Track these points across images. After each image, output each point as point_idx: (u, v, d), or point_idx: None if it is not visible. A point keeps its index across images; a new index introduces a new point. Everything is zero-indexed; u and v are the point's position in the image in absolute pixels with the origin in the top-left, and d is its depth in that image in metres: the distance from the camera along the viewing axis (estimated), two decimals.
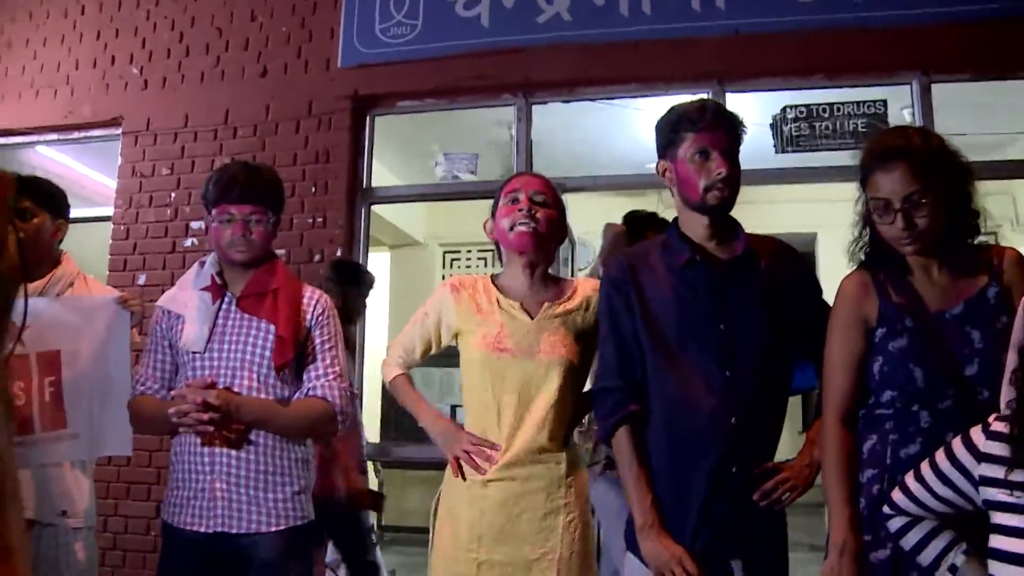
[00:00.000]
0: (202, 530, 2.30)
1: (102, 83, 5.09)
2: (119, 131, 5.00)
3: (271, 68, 4.82)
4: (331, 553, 3.52)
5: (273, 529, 2.31)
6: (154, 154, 4.87)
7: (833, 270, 2.18)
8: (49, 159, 5.44)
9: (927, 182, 1.82)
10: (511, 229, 2.28)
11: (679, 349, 2.04)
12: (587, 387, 2.36)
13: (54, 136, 5.24)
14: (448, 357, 2.56)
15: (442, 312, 2.37)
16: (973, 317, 1.83)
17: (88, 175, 5.69)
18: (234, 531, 2.29)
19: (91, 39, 5.18)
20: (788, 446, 2.16)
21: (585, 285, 2.37)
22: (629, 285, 2.12)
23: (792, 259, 2.18)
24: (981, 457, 1.53)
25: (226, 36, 4.94)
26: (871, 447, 1.89)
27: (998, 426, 1.53)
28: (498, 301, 2.31)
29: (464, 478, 2.22)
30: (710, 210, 2.07)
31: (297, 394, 2.40)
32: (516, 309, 2.29)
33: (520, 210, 2.27)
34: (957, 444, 1.59)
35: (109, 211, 4.89)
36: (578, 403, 2.30)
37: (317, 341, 2.44)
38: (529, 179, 2.39)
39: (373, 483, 4.85)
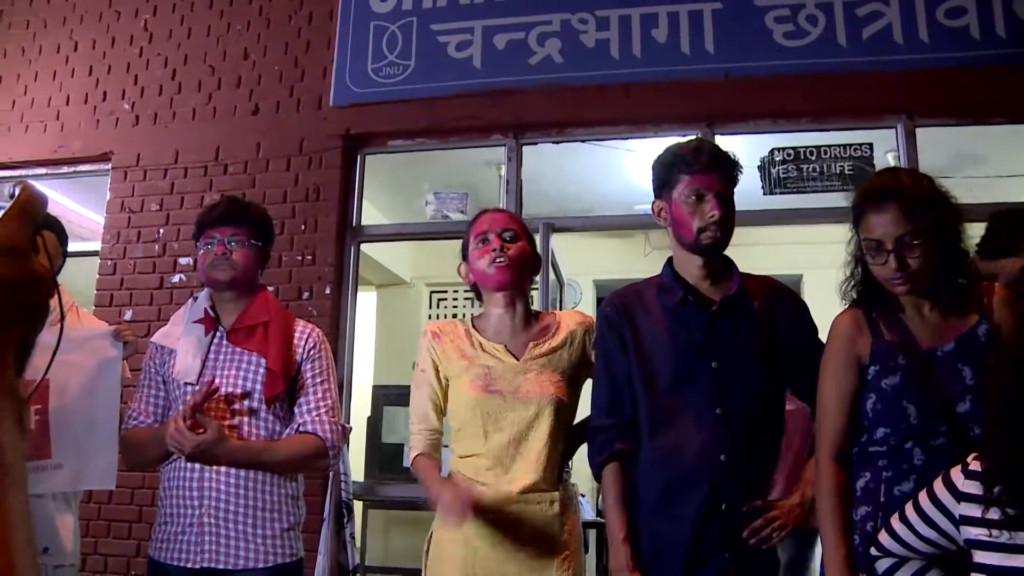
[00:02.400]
0: (190, 566, 2.27)
1: (92, 118, 5.09)
2: (108, 166, 4.98)
3: (263, 106, 4.84)
4: None
5: (262, 566, 2.29)
6: (143, 190, 4.86)
7: (819, 311, 2.19)
8: None
9: (919, 224, 1.84)
10: (488, 267, 2.28)
11: (671, 387, 2.06)
12: (576, 420, 2.36)
13: (43, 171, 5.21)
14: None
15: (434, 360, 2.35)
16: (964, 354, 1.85)
17: (76, 210, 5.66)
18: (222, 567, 2.26)
19: (83, 74, 5.19)
20: None
21: (569, 319, 2.38)
22: (623, 323, 2.14)
23: (787, 299, 2.20)
24: (960, 496, 1.55)
25: (219, 74, 4.96)
26: (865, 484, 1.89)
27: (976, 465, 1.55)
28: (481, 345, 2.31)
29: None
30: (703, 251, 2.09)
31: (288, 429, 2.38)
32: (501, 352, 2.29)
33: (493, 249, 2.28)
34: (938, 484, 1.61)
35: (96, 246, 4.87)
36: (568, 440, 2.30)
37: (309, 375, 2.43)
38: (494, 216, 2.40)
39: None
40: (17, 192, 0.78)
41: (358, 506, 4.51)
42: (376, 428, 5.33)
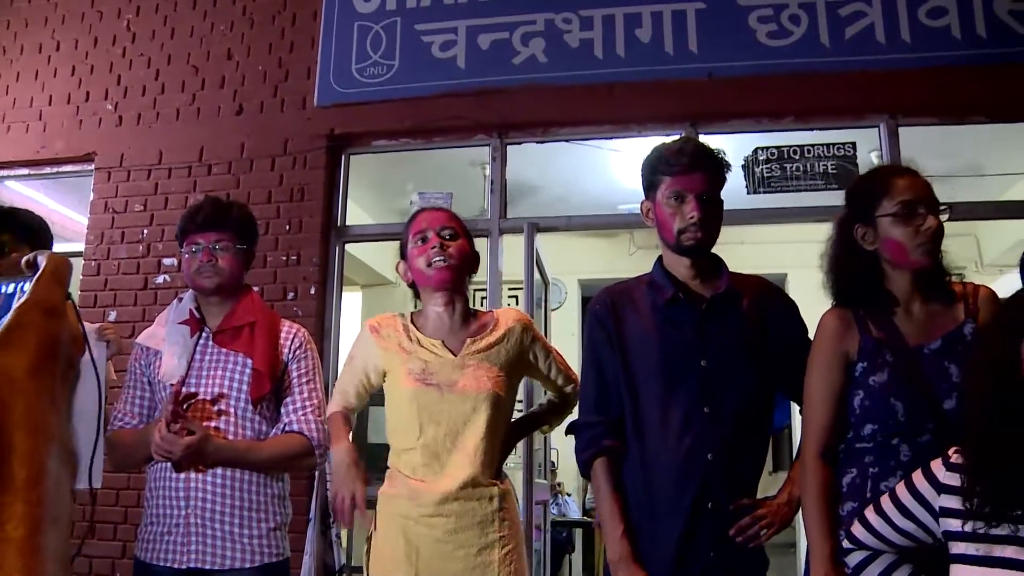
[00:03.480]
0: (176, 566, 2.26)
1: (75, 119, 5.05)
2: (92, 167, 4.96)
3: (247, 106, 4.82)
4: None
5: (248, 566, 2.28)
6: (127, 190, 4.83)
7: (804, 310, 2.20)
8: (19, 194, 5.38)
9: (935, 199, 1.91)
10: (428, 267, 2.29)
11: (659, 385, 2.06)
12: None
13: (25, 171, 5.19)
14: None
15: (368, 355, 2.37)
16: (951, 352, 1.86)
17: (59, 211, 5.63)
18: (208, 567, 2.26)
19: (65, 74, 5.16)
20: (760, 486, 2.16)
21: (507, 316, 2.40)
22: (611, 321, 2.14)
23: (777, 298, 2.21)
24: (941, 488, 1.57)
25: (202, 74, 4.94)
26: (851, 480, 1.90)
27: (957, 458, 1.57)
28: (419, 340, 2.32)
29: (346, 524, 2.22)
30: (685, 252, 2.10)
31: (274, 429, 2.38)
32: (439, 347, 2.30)
33: (433, 247, 2.29)
34: (918, 476, 1.62)
35: (79, 247, 4.84)
36: (507, 435, 2.34)
37: (295, 375, 2.43)
38: (432, 215, 2.40)
39: None
40: (43, 260, 0.90)
41: None
42: (362, 428, 5.33)
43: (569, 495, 8.31)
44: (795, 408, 2.16)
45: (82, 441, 2.47)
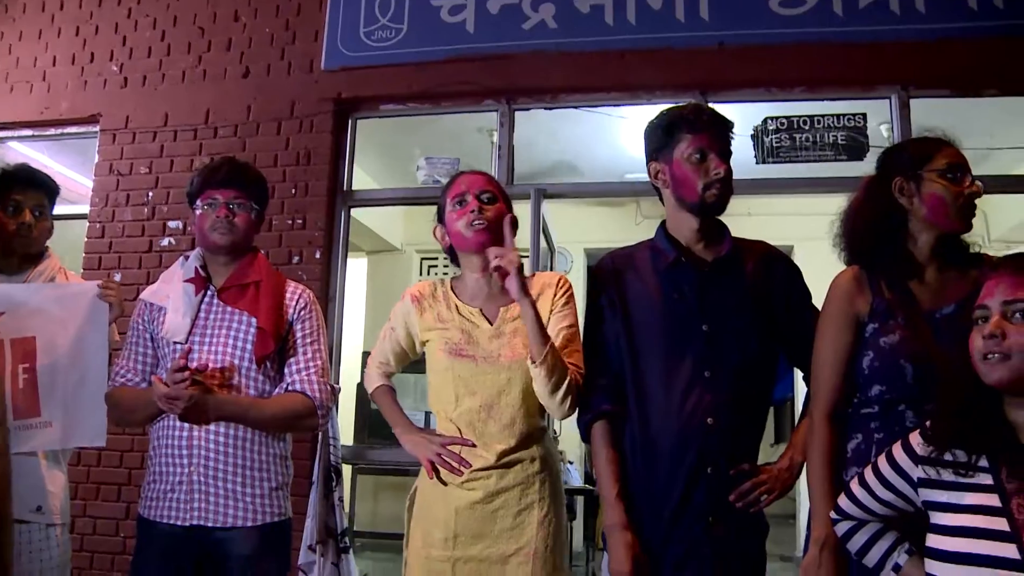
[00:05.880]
0: (178, 523, 2.27)
1: (80, 80, 5.02)
2: (96, 128, 4.94)
3: (254, 69, 4.79)
4: (304, 555, 3.48)
5: (250, 524, 2.29)
6: (132, 152, 4.81)
7: (811, 282, 2.19)
8: (22, 155, 5.36)
9: None
10: (467, 230, 2.26)
11: (661, 349, 2.06)
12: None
13: (29, 132, 5.17)
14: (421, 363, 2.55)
15: (407, 324, 2.36)
16: (963, 319, 1.85)
17: (62, 172, 5.61)
18: (210, 524, 2.27)
19: (69, 35, 5.12)
20: (761, 456, 2.16)
21: (542, 279, 2.34)
22: (613, 286, 2.14)
23: (780, 263, 2.20)
24: (919, 460, 1.58)
25: (208, 36, 4.90)
26: (856, 446, 1.91)
27: None
28: (457, 308, 2.30)
29: (443, 482, 2.21)
30: (707, 209, 2.10)
31: (277, 389, 2.38)
32: (476, 315, 2.28)
33: (472, 211, 2.26)
34: (897, 449, 1.64)
35: (83, 209, 4.84)
36: None
37: (299, 335, 2.42)
38: (472, 178, 2.36)
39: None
40: None
41: (347, 470, 4.52)
42: (365, 393, 5.34)
43: (571, 463, 8.34)
44: (798, 380, 2.16)
45: (88, 400, 2.50)
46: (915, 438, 1.61)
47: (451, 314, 2.30)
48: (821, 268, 2.14)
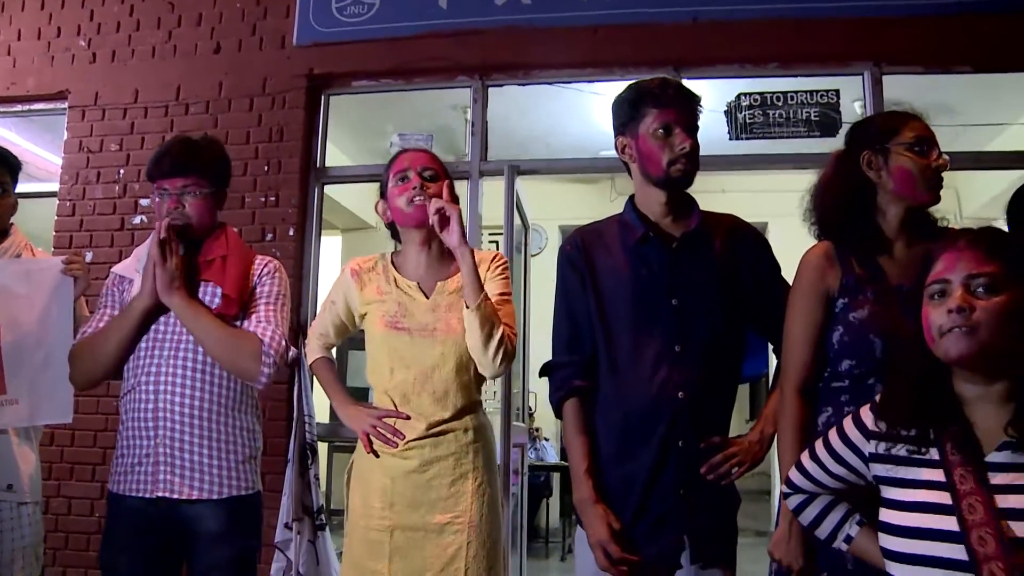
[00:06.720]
0: (145, 495, 2.26)
1: (47, 55, 4.93)
2: (65, 105, 4.86)
3: (225, 45, 4.73)
4: (280, 533, 3.48)
5: (216, 497, 2.28)
6: (102, 129, 4.74)
7: (784, 259, 2.20)
8: None
9: None
10: (408, 205, 2.30)
11: (631, 324, 2.07)
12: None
13: None
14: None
15: (347, 297, 2.42)
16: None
17: (31, 150, 5.54)
18: (176, 496, 2.25)
19: (34, 9, 5.02)
20: (736, 432, 2.18)
21: (478, 255, 2.35)
22: (583, 261, 2.15)
23: (749, 236, 2.21)
24: (870, 435, 1.59)
25: (178, 11, 4.83)
26: (826, 419, 1.92)
27: None
28: (396, 281, 2.36)
29: (376, 454, 2.28)
30: (672, 184, 2.10)
31: None
32: (413, 289, 2.34)
33: (413, 187, 2.30)
34: (848, 423, 1.65)
35: (53, 187, 4.76)
36: (479, 374, 2.33)
37: (260, 297, 2.41)
38: (414, 155, 2.42)
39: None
40: None
41: (323, 448, 4.53)
42: (340, 372, 5.33)
43: (547, 439, 8.39)
44: (773, 357, 2.17)
45: (54, 377, 2.48)
46: (866, 413, 1.61)
47: (389, 287, 2.36)
48: (795, 244, 2.15)
